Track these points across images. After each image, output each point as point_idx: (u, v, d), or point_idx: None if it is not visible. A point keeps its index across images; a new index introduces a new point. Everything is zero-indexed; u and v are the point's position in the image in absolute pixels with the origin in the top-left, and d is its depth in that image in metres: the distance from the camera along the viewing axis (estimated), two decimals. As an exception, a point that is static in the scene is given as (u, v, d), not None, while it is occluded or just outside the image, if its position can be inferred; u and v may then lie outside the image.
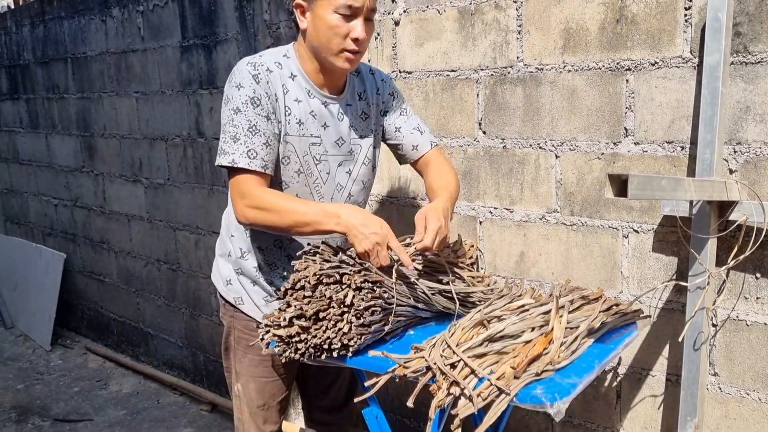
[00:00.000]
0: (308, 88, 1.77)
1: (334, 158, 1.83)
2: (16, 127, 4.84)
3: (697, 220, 1.71)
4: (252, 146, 1.66)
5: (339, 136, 1.83)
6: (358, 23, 1.66)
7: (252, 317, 1.92)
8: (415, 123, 1.98)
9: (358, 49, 1.69)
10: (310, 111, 1.76)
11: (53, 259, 4.58)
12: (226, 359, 2.01)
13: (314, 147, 1.79)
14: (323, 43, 1.69)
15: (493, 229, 2.21)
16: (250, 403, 1.96)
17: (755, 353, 1.76)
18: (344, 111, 1.82)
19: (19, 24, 4.49)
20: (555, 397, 1.36)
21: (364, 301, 1.58)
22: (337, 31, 1.66)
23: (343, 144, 1.84)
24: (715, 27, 1.63)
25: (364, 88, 1.89)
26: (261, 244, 1.86)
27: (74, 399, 3.75)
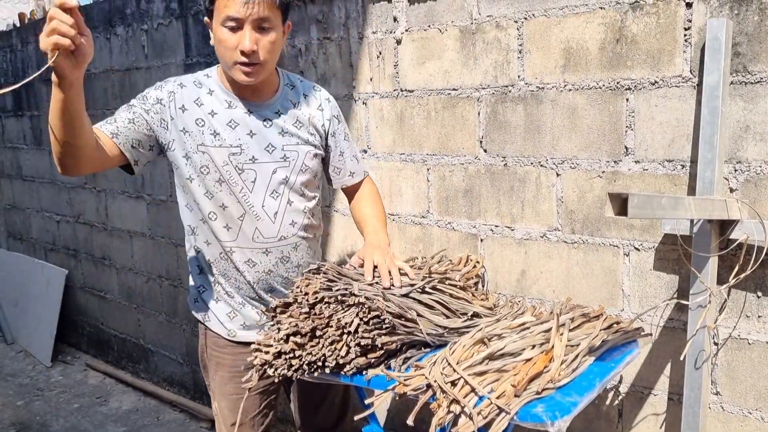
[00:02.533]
0: (228, 99, 1.82)
1: (267, 165, 1.83)
2: (19, 143, 4.87)
3: (697, 238, 1.71)
4: (116, 116, 1.77)
5: (268, 142, 1.83)
6: (244, 34, 1.67)
7: (219, 334, 1.94)
8: (355, 150, 2.05)
9: (248, 60, 1.70)
10: (227, 121, 1.80)
11: (55, 275, 4.58)
12: (206, 377, 2.06)
13: (235, 157, 1.80)
14: (221, 59, 1.75)
15: (495, 246, 2.21)
16: (225, 420, 1.97)
17: (757, 372, 1.75)
18: (272, 118, 1.84)
19: (24, 41, 4.53)
20: (556, 416, 1.36)
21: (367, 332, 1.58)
22: (226, 45, 1.70)
23: (275, 150, 1.84)
24: (715, 47, 1.65)
25: (298, 100, 1.90)
26: (210, 257, 1.90)
27: (74, 416, 3.73)
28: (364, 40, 2.44)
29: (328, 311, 1.62)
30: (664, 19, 1.76)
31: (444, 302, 1.76)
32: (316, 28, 2.59)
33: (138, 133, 1.77)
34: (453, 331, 1.72)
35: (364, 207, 2.04)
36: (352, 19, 2.46)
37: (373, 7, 2.38)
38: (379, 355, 1.63)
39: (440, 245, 2.34)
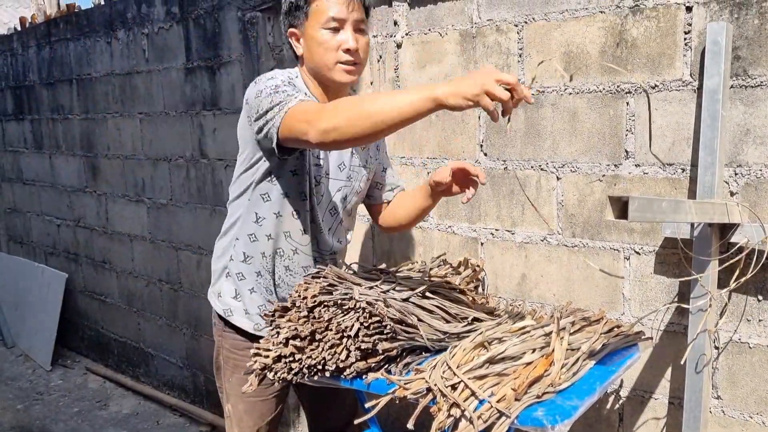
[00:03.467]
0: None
1: (334, 182, 1.85)
2: (20, 147, 4.87)
3: (698, 242, 1.71)
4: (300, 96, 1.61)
5: (341, 160, 1.84)
6: (347, 34, 1.69)
7: (243, 329, 1.90)
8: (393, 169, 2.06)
9: (352, 59, 1.71)
10: None
11: (55, 278, 4.58)
12: (218, 379, 2.02)
13: (315, 168, 1.80)
14: (318, 61, 1.72)
15: (495, 250, 2.21)
16: (241, 423, 1.95)
17: (758, 376, 1.75)
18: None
19: (25, 46, 4.54)
20: (556, 420, 1.35)
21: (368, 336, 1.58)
22: (327, 46, 1.69)
23: (344, 169, 1.86)
24: (715, 50, 1.65)
25: None
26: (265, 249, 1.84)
27: (74, 419, 3.72)
28: (364, 43, 2.44)
29: (327, 315, 1.62)
30: (664, 23, 1.76)
31: (444, 307, 1.76)
32: (316, 32, 2.59)
33: None
34: (453, 336, 1.71)
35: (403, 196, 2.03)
36: (353, 23, 2.46)
37: (374, 11, 2.38)
38: (379, 360, 1.63)
39: (440, 249, 2.34)
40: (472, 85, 1.32)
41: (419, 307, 1.71)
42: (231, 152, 3.08)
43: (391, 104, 1.39)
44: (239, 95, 2.96)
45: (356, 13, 1.70)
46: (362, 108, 1.42)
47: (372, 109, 1.40)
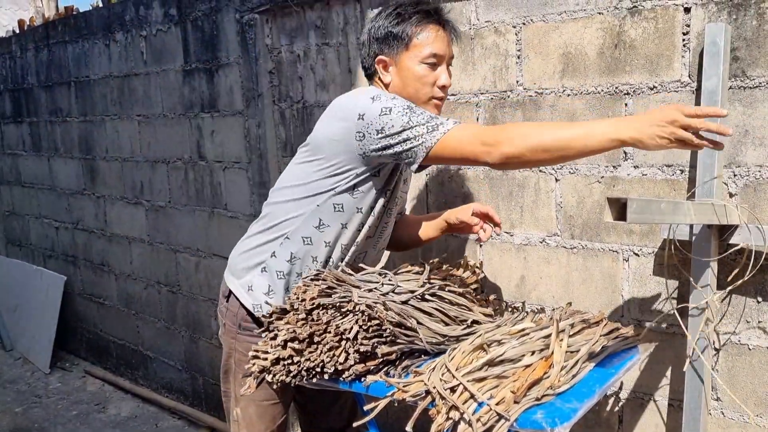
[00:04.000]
0: None
1: (393, 210, 1.90)
2: (19, 149, 4.87)
3: (697, 243, 1.71)
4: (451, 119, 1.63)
5: (404, 179, 1.90)
6: (443, 70, 1.76)
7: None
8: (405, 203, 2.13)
9: (444, 95, 1.77)
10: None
11: (53, 281, 4.58)
12: (225, 382, 1.99)
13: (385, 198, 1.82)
14: (412, 93, 1.74)
15: (494, 252, 2.20)
16: (251, 427, 1.93)
17: (758, 378, 1.75)
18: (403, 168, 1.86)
19: (23, 48, 4.53)
20: (555, 422, 1.35)
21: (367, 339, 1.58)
22: (425, 81, 1.73)
23: (398, 200, 1.92)
24: (713, 52, 1.65)
25: None
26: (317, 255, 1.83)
27: (72, 422, 3.72)
28: (362, 45, 2.44)
29: (326, 317, 1.61)
30: (662, 24, 1.76)
31: (443, 310, 1.75)
32: (314, 34, 2.59)
33: None
34: (453, 339, 1.71)
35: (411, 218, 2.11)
36: (351, 25, 2.46)
37: (372, 13, 2.38)
38: (378, 362, 1.62)
39: (439, 251, 2.34)
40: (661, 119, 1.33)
41: (418, 309, 1.70)
42: (229, 154, 3.08)
43: (576, 142, 1.41)
44: (237, 97, 2.96)
45: (453, 49, 1.78)
46: (545, 140, 1.45)
47: (556, 144, 1.44)
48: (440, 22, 1.75)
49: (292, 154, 2.78)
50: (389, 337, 1.61)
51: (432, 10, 1.75)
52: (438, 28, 1.74)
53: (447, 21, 1.78)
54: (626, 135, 1.36)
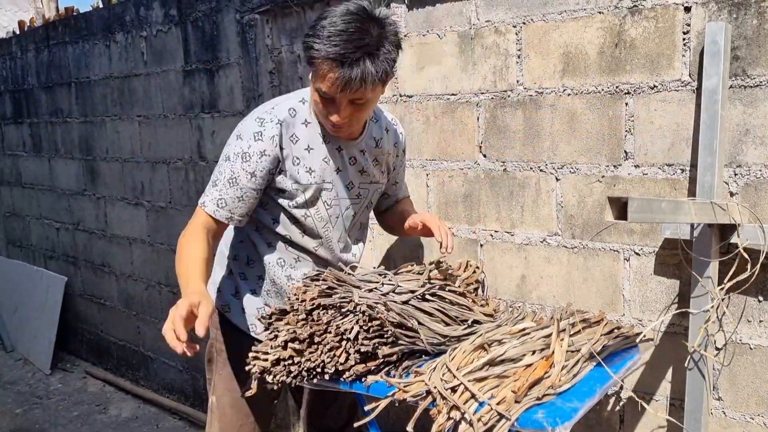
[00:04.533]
0: (323, 132, 1.78)
1: (344, 201, 1.86)
2: (19, 150, 4.87)
3: (698, 243, 1.71)
4: (225, 196, 1.72)
5: (350, 180, 1.85)
6: (335, 108, 1.64)
7: (238, 327, 1.92)
8: (404, 177, 2.10)
9: (340, 126, 1.68)
10: (323, 157, 1.78)
11: (54, 282, 4.58)
12: (209, 371, 2.01)
13: (326, 192, 1.81)
14: (314, 109, 1.74)
15: (494, 252, 2.20)
16: (223, 418, 1.94)
17: (759, 377, 1.75)
18: (357, 156, 1.84)
19: (23, 49, 4.53)
20: (556, 422, 1.35)
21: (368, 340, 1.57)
22: (319, 108, 1.69)
23: (352, 188, 1.86)
24: (714, 51, 1.65)
25: (382, 135, 1.90)
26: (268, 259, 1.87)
27: (73, 423, 3.72)
28: (362, 45, 2.43)
29: (326, 317, 1.61)
30: (662, 23, 1.76)
31: (444, 310, 1.75)
32: (314, 34, 2.59)
33: (249, 204, 1.76)
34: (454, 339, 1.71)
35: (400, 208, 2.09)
36: (351, 25, 2.46)
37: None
38: (378, 363, 1.62)
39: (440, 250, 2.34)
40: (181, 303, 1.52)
41: (419, 309, 1.70)
42: (230, 155, 3.07)
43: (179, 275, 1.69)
44: (238, 97, 2.96)
45: (349, 94, 1.59)
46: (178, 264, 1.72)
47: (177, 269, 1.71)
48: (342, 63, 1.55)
49: (293, 154, 2.79)
50: (390, 337, 1.60)
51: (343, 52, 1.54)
52: (338, 71, 1.55)
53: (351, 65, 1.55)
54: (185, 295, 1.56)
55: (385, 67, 1.59)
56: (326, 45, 1.54)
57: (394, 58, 1.62)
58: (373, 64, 1.56)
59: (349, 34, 1.54)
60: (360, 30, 1.55)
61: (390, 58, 1.60)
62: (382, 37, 1.58)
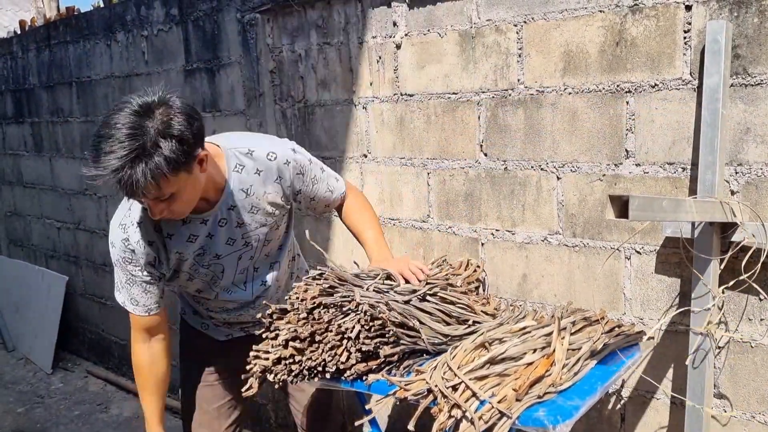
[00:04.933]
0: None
1: (230, 256, 1.88)
2: (20, 150, 4.87)
3: (699, 241, 1.71)
4: (132, 295, 1.86)
5: (228, 236, 1.85)
6: (150, 206, 1.61)
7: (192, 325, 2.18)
8: (327, 183, 1.99)
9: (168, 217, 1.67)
10: (186, 238, 1.80)
11: (55, 281, 4.58)
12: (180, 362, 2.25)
13: (200, 257, 1.85)
14: None
15: (495, 251, 2.20)
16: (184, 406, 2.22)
17: (760, 376, 1.75)
18: (227, 216, 1.82)
19: (24, 49, 4.54)
20: (557, 420, 1.35)
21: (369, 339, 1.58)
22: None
23: (235, 241, 1.87)
24: (715, 49, 1.65)
25: (252, 181, 1.82)
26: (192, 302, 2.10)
27: (74, 423, 3.72)
28: (364, 44, 2.44)
29: (327, 316, 1.61)
30: (663, 21, 1.76)
31: (445, 310, 1.75)
32: (315, 33, 2.59)
33: (156, 292, 1.88)
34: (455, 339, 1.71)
35: (355, 223, 2.05)
36: (352, 24, 2.46)
37: (373, 12, 2.38)
38: (379, 362, 1.62)
39: (441, 250, 2.34)
40: None
41: (420, 309, 1.70)
42: (231, 154, 3.08)
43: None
44: (239, 97, 2.96)
45: (143, 198, 1.57)
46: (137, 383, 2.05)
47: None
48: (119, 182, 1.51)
49: (294, 153, 2.79)
50: (392, 337, 1.61)
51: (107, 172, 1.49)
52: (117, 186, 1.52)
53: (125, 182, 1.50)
54: None
55: (161, 162, 1.50)
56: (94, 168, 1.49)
57: (173, 149, 1.51)
58: (146, 165, 1.48)
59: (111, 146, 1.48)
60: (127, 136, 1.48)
61: (169, 150, 1.51)
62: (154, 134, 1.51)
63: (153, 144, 1.50)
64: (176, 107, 1.58)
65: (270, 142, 1.88)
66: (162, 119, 1.53)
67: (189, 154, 1.56)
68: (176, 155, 1.52)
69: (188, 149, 1.56)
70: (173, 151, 1.52)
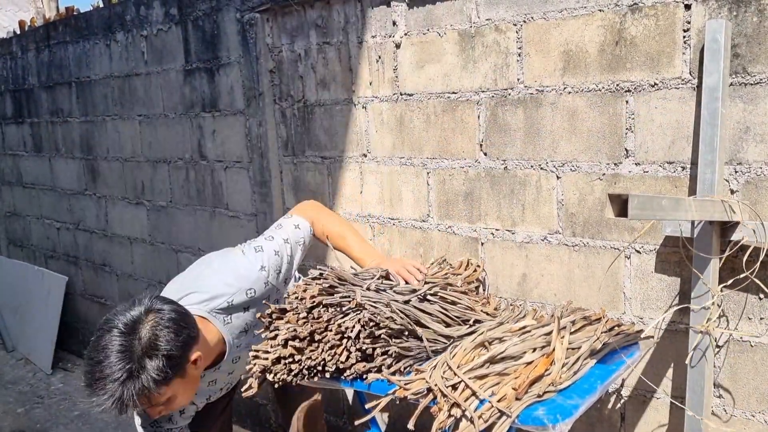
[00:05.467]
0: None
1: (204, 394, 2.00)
2: (20, 150, 4.87)
3: (699, 240, 1.71)
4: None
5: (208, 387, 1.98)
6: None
7: None
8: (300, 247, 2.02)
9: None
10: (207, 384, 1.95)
11: (55, 281, 4.58)
12: None
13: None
14: None
15: (495, 250, 2.20)
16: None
17: (760, 375, 1.75)
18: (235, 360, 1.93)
19: (24, 49, 4.54)
20: (557, 419, 1.35)
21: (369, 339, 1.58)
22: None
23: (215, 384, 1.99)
24: (714, 48, 1.65)
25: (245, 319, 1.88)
26: None
27: (74, 423, 3.72)
28: (363, 44, 2.44)
29: (326, 315, 1.61)
30: (663, 21, 1.76)
31: (445, 310, 1.75)
32: (315, 33, 2.59)
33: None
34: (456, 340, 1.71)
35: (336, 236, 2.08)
36: (351, 24, 2.46)
37: (372, 12, 2.38)
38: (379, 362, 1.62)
39: (441, 249, 2.34)
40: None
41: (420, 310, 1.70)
42: (230, 154, 3.08)
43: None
44: (238, 96, 2.96)
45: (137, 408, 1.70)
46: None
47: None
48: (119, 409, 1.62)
49: (293, 153, 2.79)
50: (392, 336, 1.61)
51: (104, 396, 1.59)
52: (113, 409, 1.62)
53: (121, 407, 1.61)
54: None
55: (149, 382, 1.57)
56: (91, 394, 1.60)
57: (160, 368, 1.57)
58: (134, 387, 1.56)
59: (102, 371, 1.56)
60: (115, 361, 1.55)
61: (155, 370, 1.57)
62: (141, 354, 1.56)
63: (139, 367, 1.56)
64: (164, 317, 1.60)
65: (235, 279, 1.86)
66: (148, 336, 1.57)
67: (178, 365, 1.62)
68: (164, 373, 1.58)
69: (177, 362, 1.61)
70: (161, 370, 1.57)
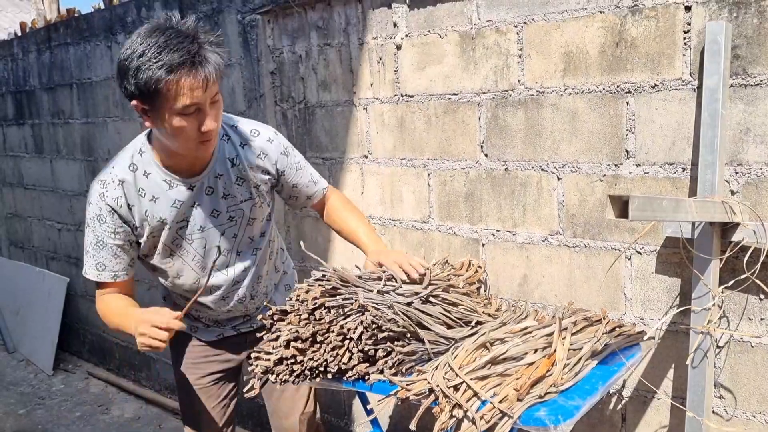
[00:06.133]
0: (167, 178, 1.77)
1: (213, 230, 1.86)
2: (21, 152, 4.87)
3: (699, 241, 1.71)
4: (99, 259, 1.80)
5: (213, 207, 1.84)
6: (204, 115, 1.61)
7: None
8: (309, 174, 2.01)
9: (211, 137, 1.66)
10: (171, 203, 1.79)
11: (56, 283, 4.58)
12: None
13: (182, 230, 1.83)
14: (176, 145, 1.67)
15: (496, 251, 2.21)
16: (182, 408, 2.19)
17: (760, 375, 1.75)
18: (213, 184, 1.82)
19: (25, 50, 4.54)
20: (558, 419, 1.36)
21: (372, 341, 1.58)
22: (186, 133, 1.61)
23: (220, 214, 1.86)
24: (714, 50, 1.65)
25: (237, 152, 1.84)
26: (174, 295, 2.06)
27: (76, 424, 3.72)
28: (364, 45, 2.44)
29: (329, 317, 1.62)
30: (663, 22, 1.77)
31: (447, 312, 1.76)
32: (316, 35, 2.60)
33: (126, 258, 1.84)
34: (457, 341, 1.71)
35: (345, 219, 2.04)
36: (352, 25, 2.47)
37: (373, 13, 2.39)
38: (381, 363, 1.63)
39: (442, 250, 2.34)
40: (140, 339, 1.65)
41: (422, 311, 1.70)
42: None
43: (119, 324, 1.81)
44: (239, 98, 2.97)
45: (212, 87, 1.59)
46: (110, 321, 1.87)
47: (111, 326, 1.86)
48: (193, 64, 1.54)
49: (294, 154, 2.79)
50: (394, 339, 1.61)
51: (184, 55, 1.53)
52: (192, 73, 1.54)
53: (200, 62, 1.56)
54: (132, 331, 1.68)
55: (218, 55, 1.60)
56: (163, 63, 1.52)
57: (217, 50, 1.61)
58: (210, 52, 1.58)
59: (173, 40, 1.54)
60: (177, 34, 1.56)
61: (215, 44, 1.61)
62: (195, 32, 1.59)
63: (205, 39, 1.60)
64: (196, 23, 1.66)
65: (252, 122, 1.93)
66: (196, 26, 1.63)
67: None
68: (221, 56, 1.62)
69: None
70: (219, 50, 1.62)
